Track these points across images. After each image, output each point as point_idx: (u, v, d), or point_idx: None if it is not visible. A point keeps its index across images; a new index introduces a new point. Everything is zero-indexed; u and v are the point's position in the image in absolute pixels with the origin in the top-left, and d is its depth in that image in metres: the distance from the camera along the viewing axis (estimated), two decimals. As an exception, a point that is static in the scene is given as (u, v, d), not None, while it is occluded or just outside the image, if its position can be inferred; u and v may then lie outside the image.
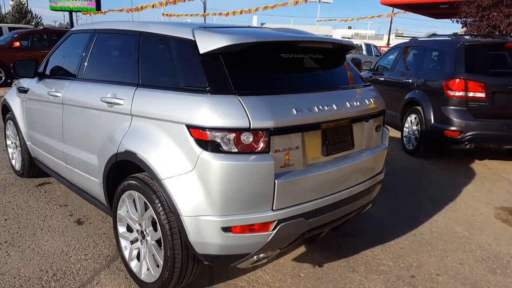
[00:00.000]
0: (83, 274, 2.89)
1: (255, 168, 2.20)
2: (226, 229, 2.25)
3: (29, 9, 31.06)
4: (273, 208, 2.29)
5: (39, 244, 3.26)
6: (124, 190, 2.70)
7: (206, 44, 2.35)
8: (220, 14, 27.07)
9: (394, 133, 7.62)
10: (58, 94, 3.40)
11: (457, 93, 5.62)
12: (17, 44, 11.99)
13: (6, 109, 4.51)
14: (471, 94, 5.56)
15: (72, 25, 20.03)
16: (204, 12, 33.16)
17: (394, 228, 3.81)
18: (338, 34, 56.51)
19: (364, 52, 17.98)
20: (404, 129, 6.69)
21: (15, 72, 3.66)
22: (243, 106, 2.18)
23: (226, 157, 2.18)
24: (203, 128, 2.19)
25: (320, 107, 2.46)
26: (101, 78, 3.12)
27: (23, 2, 29.92)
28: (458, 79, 5.61)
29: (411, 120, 6.51)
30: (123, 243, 2.85)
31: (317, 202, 2.49)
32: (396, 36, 52.21)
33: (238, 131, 2.17)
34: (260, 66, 2.50)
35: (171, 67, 2.55)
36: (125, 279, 2.84)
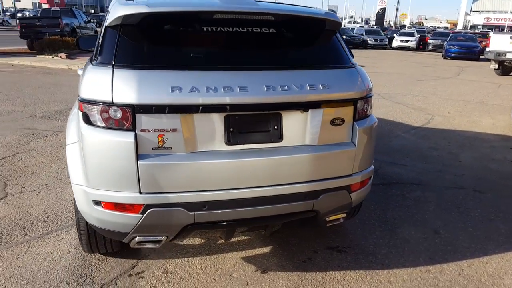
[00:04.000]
0: (65, 221, 3.30)
1: (114, 145, 2.10)
2: (97, 203, 2.24)
3: None
4: (141, 191, 2.15)
5: (63, 192, 3.84)
6: None
7: (111, 16, 2.32)
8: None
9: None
10: None
11: None
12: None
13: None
14: None
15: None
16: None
17: (407, 256, 2.98)
18: None
19: None
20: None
21: (78, 46, 4.30)
22: (111, 80, 2.09)
23: (94, 131, 2.14)
24: (80, 100, 2.20)
25: (213, 87, 2.13)
26: None
27: None
28: None
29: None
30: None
31: (204, 195, 2.21)
32: None
33: (102, 105, 2.10)
34: (158, 39, 2.29)
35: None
36: (86, 235, 3.12)
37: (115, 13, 2.25)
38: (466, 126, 7.02)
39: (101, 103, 2.10)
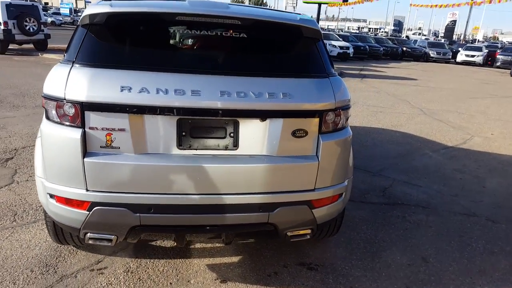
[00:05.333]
0: (54, 212, 3.44)
1: (64, 141, 2.16)
2: (51, 196, 2.31)
3: (265, 1, 34.64)
4: (87, 188, 2.18)
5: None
6: None
7: (82, 16, 2.39)
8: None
9: None
10: None
11: None
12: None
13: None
14: None
15: (318, 17, 21.23)
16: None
17: (381, 282, 2.77)
18: None
19: None
20: None
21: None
22: (67, 77, 2.15)
23: (50, 125, 2.22)
24: (42, 96, 2.29)
25: (164, 89, 2.11)
26: None
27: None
28: None
29: None
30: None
31: (150, 197, 2.20)
32: None
33: (56, 100, 2.16)
34: (118, 39, 2.30)
35: None
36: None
37: (84, 13, 2.32)
38: (506, 150, 6.46)
39: (56, 99, 2.16)
